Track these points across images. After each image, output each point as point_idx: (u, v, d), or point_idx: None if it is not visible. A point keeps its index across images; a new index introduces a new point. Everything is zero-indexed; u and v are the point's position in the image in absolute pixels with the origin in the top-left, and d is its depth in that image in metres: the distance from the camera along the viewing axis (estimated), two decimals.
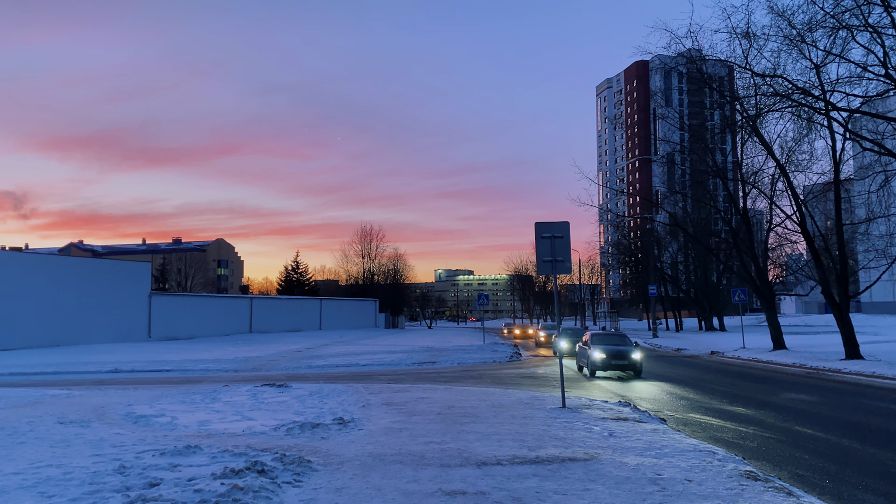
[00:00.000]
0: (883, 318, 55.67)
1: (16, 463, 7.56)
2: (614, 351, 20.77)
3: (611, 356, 20.59)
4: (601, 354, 20.59)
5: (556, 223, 12.85)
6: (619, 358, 20.61)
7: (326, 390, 15.14)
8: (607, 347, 20.99)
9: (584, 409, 11.98)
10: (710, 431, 10.79)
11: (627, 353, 20.72)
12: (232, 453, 7.97)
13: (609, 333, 23.97)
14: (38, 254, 53.18)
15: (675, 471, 7.18)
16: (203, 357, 30.03)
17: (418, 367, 25.66)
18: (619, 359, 20.60)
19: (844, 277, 25.99)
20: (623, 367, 20.80)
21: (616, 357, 20.62)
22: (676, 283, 63.36)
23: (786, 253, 44.60)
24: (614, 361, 20.61)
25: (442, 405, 12.52)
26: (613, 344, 21.48)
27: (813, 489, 7.10)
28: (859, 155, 27.77)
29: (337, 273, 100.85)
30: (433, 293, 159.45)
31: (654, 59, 33.28)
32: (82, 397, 14.76)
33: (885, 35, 20.50)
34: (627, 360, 20.59)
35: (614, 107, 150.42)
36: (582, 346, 22.85)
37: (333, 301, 72.65)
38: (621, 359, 20.60)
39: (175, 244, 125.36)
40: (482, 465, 7.48)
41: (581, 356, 22.72)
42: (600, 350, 20.78)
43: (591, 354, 20.80)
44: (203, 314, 51.31)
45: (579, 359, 23.07)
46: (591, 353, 20.88)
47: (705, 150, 35.32)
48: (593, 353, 20.74)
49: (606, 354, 20.57)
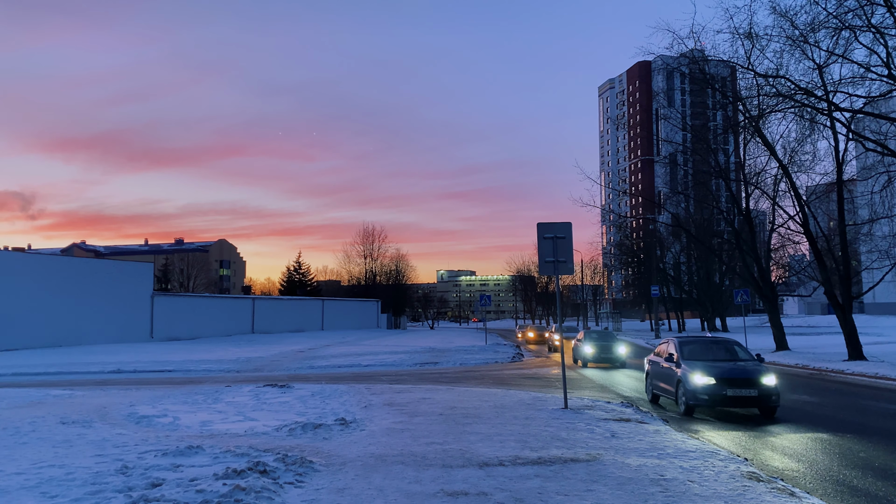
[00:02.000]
0: (886, 319, 55.54)
1: (18, 463, 7.57)
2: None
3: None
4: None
5: (559, 224, 12.84)
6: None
7: (328, 391, 15.15)
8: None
9: (587, 409, 11.96)
10: (712, 432, 10.77)
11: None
12: (234, 454, 7.97)
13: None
14: (41, 254, 53.26)
15: (678, 471, 7.17)
16: (205, 357, 30.04)
17: (420, 368, 25.65)
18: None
19: (847, 278, 25.94)
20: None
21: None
22: (679, 283, 63.27)
23: (788, 254, 44.56)
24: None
25: (444, 406, 12.51)
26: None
27: (814, 490, 7.08)
28: (862, 155, 27.70)
29: (339, 274, 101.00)
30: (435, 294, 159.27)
31: (657, 59, 33.26)
32: (84, 397, 14.78)
33: (888, 35, 20.48)
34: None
35: (616, 107, 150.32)
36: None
37: (335, 302, 72.68)
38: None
39: (177, 245, 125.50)
40: (484, 465, 7.47)
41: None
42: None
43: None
44: (205, 315, 51.35)
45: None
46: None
47: (708, 151, 35.27)
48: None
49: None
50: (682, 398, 12.68)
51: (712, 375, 12.14)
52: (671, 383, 13.30)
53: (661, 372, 14.11)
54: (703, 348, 13.88)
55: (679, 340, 14.19)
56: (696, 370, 12.42)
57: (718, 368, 12.40)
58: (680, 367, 12.98)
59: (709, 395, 12.07)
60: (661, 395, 14.31)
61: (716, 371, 12.25)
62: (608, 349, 25.15)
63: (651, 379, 14.94)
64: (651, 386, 14.88)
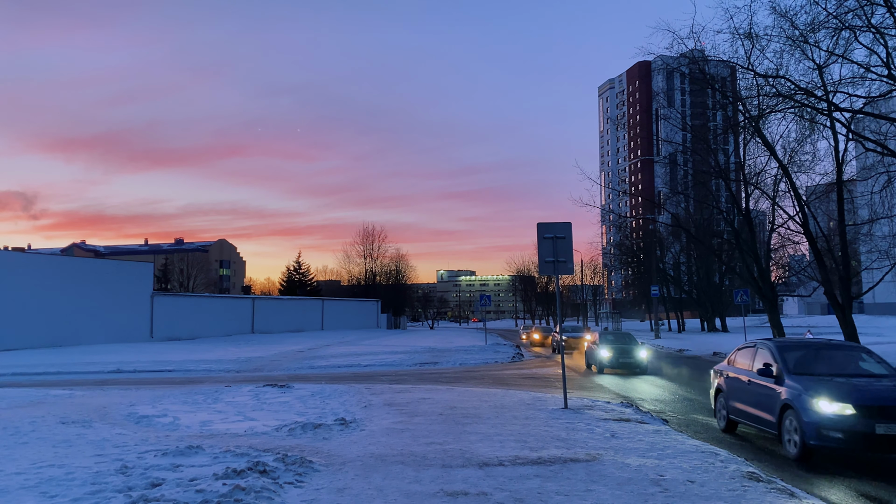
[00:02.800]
0: (886, 320, 55.52)
1: (18, 463, 7.56)
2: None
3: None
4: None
5: (558, 224, 12.83)
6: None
7: (328, 391, 15.14)
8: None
9: (586, 409, 11.96)
10: (713, 433, 10.77)
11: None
12: (234, 454, 7.97)
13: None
14: (41, 254, 53.25)
15: (678, 472, 7.17)
16: (205, 357, 30.04)
17: (420, 368, 25.64)
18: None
19: (847, 278, 25.93)
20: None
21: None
22: (679, 283, 63.26)
23: (788, 254, 44.57)
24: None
25: (444, 406, 12.51)
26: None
27: (815, 490, 7.08)
28: (862, 156, 27.68)
29: (339, 273, 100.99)
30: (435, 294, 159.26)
31: (657, 59, 33.24)
32: (84, 397, 14.78)
33: (888, 36, 20.45)
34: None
35: (616, 107, 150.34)
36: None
37: (335, 301, 72.66)
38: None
39: (177, 245, 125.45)
40: (484, 465, 7.48)
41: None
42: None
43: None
44: (205, 314, 51.34)
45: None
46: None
47: (707, 151, 35.26)
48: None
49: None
50: (792, 434, 8.68)
51: (849, 401, 8.13)
52: (768, 408, 9.36)
53: (746, 390, 10.10)
54: (821, 357, 9.93)
55: (778, 345, 10.07)
56: (818, 391, 8.44)
57: (857, 389, 8.42)
58: (785, 385, 9.05)
59: (845, 433, 7.98)
60: (743, 422, 10.32)
61: (854, 394, 8.26)
62: (628, 353, 22.31)
63: (726, 399, 10.84)
64: (726, 409, 10.82)
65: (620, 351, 22.41)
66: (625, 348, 22.61)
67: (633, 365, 22.28)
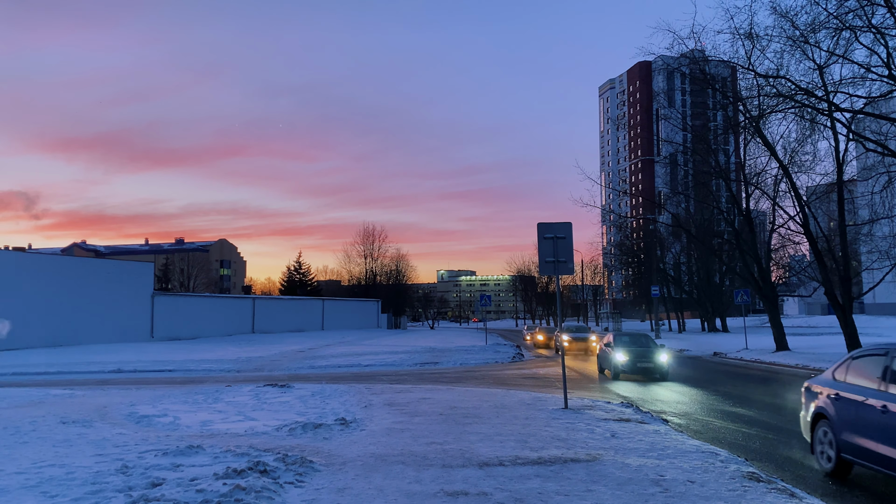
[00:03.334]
0: (886, 320, 55.50)
1: (18, 462, 7.57)
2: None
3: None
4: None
5: (559, 224, 12.82)
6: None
7: (329, 391, 15.15)
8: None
9: (587, 410, 11.96)
10: (713, 433, 10.76)
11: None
12: (234, 453, 7.97)
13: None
14: (41, 254, 53.28)
15: (678, 472, 7.17)
16: (205, 357, 30.06)
17: (420, 368, 25.65)
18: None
19: (847, 279, 25.93)
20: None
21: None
22: (679, 283, 63.28)
23: (789, 254, 44.58)
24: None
25: (444, 406, 12.51)
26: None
27: (815, 490, 7.08)
28: (862, 156, 27.69)
29: (339, 273, 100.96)
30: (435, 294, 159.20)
31: (657, 59, 33.27)
32: (85, 397, 14.79)
33: (888, 36, 20.47)
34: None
35: (617, 107, 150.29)
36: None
37: (336, 301, 72.66)
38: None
39: (178, 244, 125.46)
40: (484, 465, 7.48)
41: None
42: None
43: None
44: (205, 314, 51.36)
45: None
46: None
47: (708, 151, 35.28)
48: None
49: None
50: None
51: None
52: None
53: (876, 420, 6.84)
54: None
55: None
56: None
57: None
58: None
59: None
60: (868, 466, 7.04)
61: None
62: (646, 356, 19.84)
63: (835, 431, 7.65)
64: (836, 445, 7.61)
65: (638, 354, 19.77)
66: (643, 351, 19.97)
67: (653, 370, 19.70)
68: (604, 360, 21.18)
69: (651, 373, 19.76)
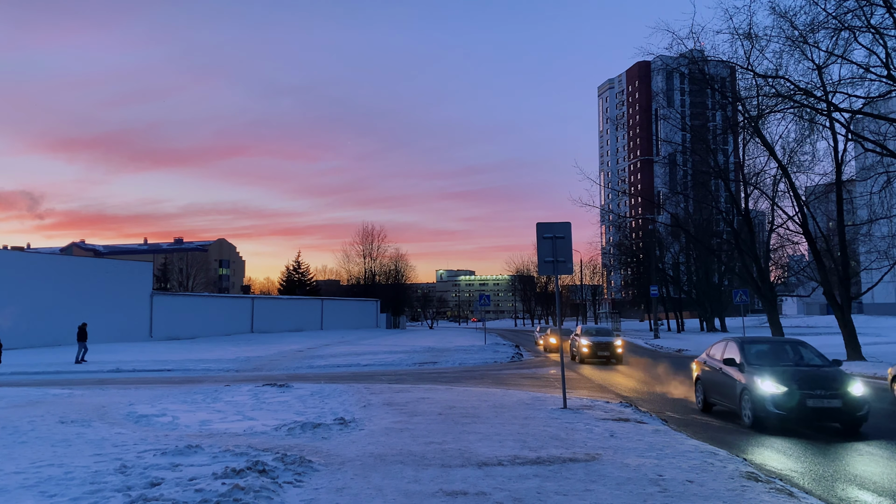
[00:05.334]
0: (885, 320, 55.54)
1: (17, 462, 7.56)
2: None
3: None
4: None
5: (558, 224, 12.82)
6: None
7: (327, 390, 15.14)
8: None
9: (586, 409, 11.96)
10: (713, 432, 10.77)
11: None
12: (233, 453, 7.97)
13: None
14: (40, 253, 53.24)
15: (677, 471, 7.17)
16: (204, 357, 30.05)
17: (419, 368, 25.64)
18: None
19: (846, 279, 25.94)
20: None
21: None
22: (678, 283, 63.28)
23: (787, 254, 44.57)
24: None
25: (443, 405, 12.51)
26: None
27: (814, 490, 7.09)
28: (861, 156, 27.71)
29: (338, 273, 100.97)
30: (434, 293, 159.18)
31: (656, 59, 33.23)
32: (83, 397, 14.78)
33: (887, 36, 20.48)
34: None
35: (616, 107, 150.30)
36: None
37: (335, 301, 72.65)
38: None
39: (177, 244, 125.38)
40: (483, 465, 7.48)
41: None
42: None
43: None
44: (204, 314, 51.34)
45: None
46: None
47: (707, 151, 35.25)
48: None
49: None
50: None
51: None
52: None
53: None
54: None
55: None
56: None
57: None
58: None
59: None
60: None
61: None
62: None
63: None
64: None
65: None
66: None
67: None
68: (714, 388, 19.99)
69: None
